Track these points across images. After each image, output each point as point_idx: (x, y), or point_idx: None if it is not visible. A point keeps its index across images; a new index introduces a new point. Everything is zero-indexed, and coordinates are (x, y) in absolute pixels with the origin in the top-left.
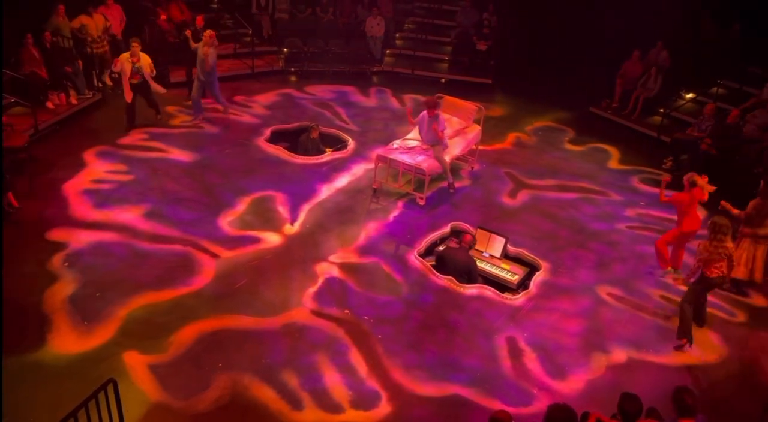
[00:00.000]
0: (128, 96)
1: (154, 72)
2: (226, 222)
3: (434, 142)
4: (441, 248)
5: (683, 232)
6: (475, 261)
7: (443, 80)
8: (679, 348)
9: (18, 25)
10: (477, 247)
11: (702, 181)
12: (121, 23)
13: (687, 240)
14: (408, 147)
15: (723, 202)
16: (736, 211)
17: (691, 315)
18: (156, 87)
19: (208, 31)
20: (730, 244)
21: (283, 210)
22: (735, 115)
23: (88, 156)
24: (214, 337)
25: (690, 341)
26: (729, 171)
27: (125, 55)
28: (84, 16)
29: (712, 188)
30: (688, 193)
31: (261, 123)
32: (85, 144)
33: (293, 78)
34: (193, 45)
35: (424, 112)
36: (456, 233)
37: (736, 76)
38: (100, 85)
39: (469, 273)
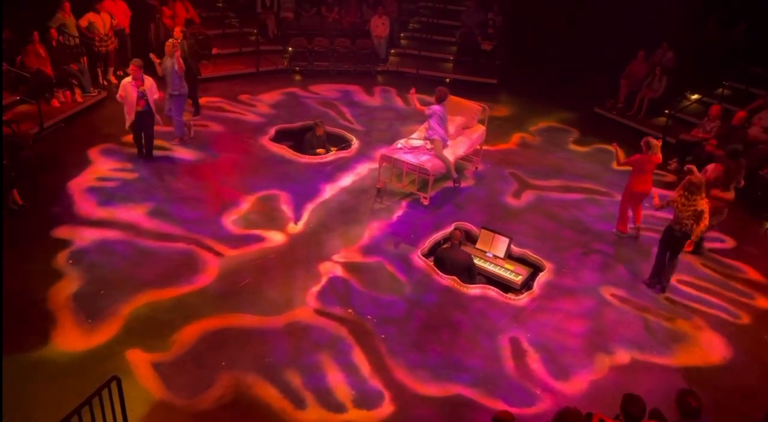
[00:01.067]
0: (129, 120)
1: (158, 94)
2: (230, 221)
3: (432, 138)
4: (439, 249)
5: (633, 192)
6: (471, 257)
7: (448, 80)
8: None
9: (24, 22)
10: (481, 247)
11: (657, 143)
12: (126, 17)
13: (640, 199)
14: (412, 146)
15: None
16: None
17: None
18: (158, 117)
19: (169, 40)
20: (703, 203)
21: (287, 209)
22: (741, 116)
23: (93, 154)
24: (218, 336)
25: (650, 285)
26: None
27: (127, 80)
28: (92, 14)
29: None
30: (644, 155)
31: (266, 122)
32: (91, 142)
33: (298, 77)
34: (158, 64)
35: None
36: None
37: (741, 77)
38: (106, 83)
39: (469, 269)
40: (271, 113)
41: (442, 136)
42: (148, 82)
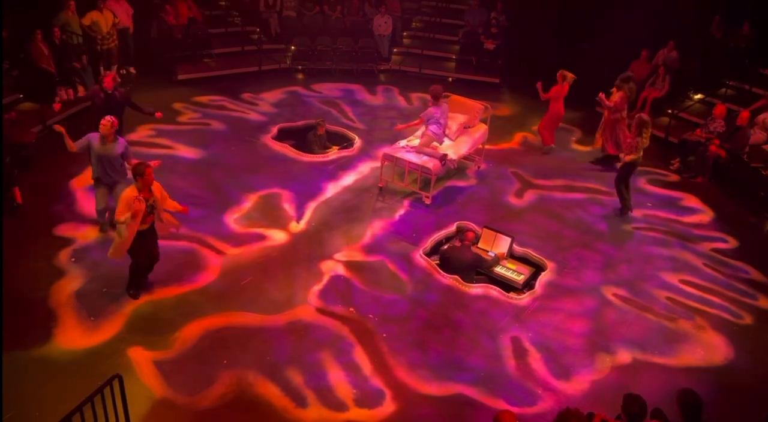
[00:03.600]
0: (121, 253)
1: (173, 207)
2: (233, 220)
3: (425, 132)
4: (444, 247)
5: (551, 115)
6: (481, 256)
7: (450, 79)
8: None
9: (27, 20)
10: (483, 247)
11: (572, 76)
12: (128, 16)
13: (556, 123)
14: (414, 146)
15: (600, 94)
16: (607, 103)
17: (628, 193)
18: (170, 222)
19: (109, 120)
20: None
21: (289, 207)
22: (745, 116)
23: None
24: (219, 334)
25: (630, 209)
26: (737, 172)
27: (131, 193)
28: (95, 13)
29: (573, 76)
30: (560, 86)
31: (268, 120)
32: None
33: (300, 76)
34: (70, 145)
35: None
36: (459, 232)
37: (745, 77)
38: None
39: (480, 266)
40: (273, 112)
41: (435, 132)
42: (158, 188)
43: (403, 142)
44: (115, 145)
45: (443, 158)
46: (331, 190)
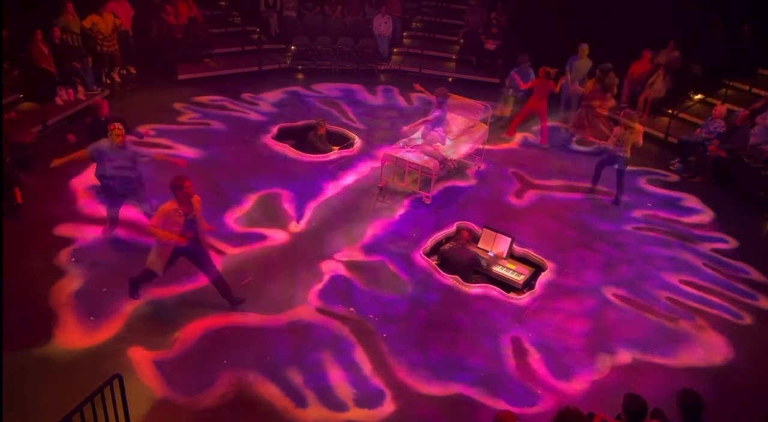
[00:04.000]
0: (160, 267)
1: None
2: (233, 220)
3: (431, 134)
4: (443, 247)
5: (530, 107)
6: (478, 255)
7: (450, 79)
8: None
9: (27, 21)
10: (483, 247)
11: (553, 72)
12: (129, 18)
13: (539, 112)
14: (415, 146)
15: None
16: (581, 90)
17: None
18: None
19: (117, 127)
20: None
21: (289, 207)
22: (745, 116)
23: None
24: (220, 334)
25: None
26: (737, 172)
27: (170, 205)
28: (95, 16)
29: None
30: (542, 80)
31: (268, 120)
32: None
33: (300, 76)
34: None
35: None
36: (458, 232)
37: (745, 77)
38: (108, 81)
39: (477, 265)
40: (273, 112)
41: (441, 134)
42: (197, 201)
43: (403, 142)
44: (125, 148)
45: (443, 161)
46: (331, 189)
